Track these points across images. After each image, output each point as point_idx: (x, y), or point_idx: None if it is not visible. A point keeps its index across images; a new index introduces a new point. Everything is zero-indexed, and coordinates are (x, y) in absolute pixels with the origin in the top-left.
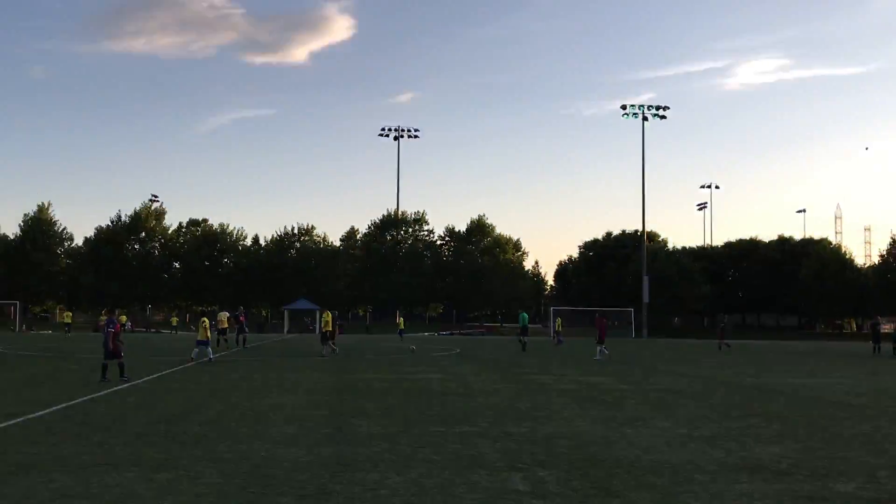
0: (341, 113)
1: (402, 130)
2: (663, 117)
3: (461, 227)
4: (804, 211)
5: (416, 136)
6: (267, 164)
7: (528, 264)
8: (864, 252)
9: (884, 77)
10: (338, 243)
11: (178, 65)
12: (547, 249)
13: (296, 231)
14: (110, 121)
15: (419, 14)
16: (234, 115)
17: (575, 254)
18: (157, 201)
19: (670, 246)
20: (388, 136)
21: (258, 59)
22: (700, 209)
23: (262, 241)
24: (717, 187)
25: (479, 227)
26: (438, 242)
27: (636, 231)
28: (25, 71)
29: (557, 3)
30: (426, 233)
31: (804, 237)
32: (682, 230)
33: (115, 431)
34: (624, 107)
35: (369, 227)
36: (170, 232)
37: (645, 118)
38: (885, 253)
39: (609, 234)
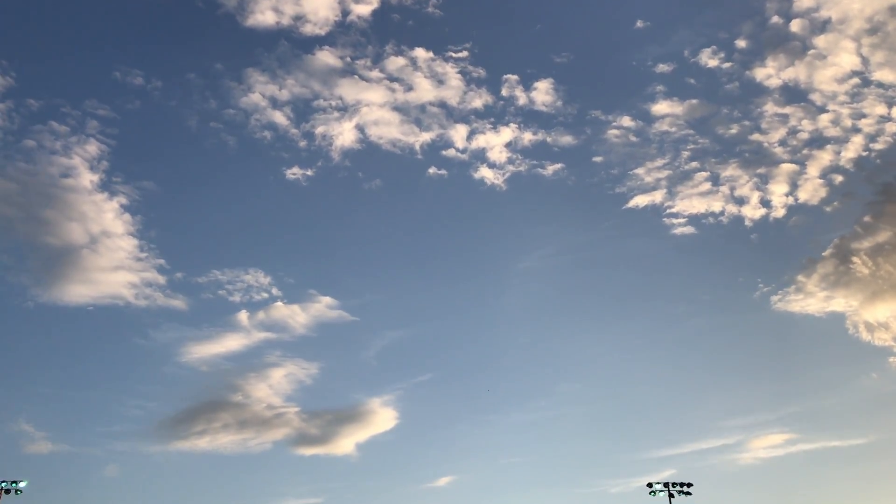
0: (384, 500)
1: None
2: (688, 493)
3: None
4: None
5: None
6: None
7: None
8: None
9: (883, 446)
10: None
11: (238, 459)
12: None
13: None
14: None
15: (455, 406)
16: None
17: None
18: None
19: None
20: None
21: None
22: None
23: None
24: None
25: None
26: None
27: None
28: (101, 469)
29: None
30: None
31: None
32: None
33: None
34: (650, 484)
35: None
36: None
37: (671, 495)
38: None
39: None
